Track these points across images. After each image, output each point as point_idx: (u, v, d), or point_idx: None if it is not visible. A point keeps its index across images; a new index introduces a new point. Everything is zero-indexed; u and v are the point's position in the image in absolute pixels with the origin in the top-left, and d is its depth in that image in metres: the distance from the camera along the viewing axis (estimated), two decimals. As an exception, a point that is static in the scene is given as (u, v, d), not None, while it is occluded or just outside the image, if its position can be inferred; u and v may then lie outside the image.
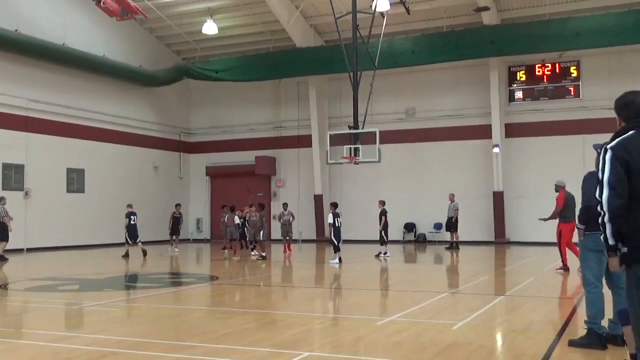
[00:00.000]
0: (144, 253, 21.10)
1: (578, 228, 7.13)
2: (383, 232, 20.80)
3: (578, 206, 7.52)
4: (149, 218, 30.87)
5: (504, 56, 26.90)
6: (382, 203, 21.24)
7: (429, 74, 29.10)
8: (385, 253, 20.61)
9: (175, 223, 24.84)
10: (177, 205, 25.57)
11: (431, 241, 28.66)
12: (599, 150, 7.00)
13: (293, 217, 23.82)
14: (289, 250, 23.23)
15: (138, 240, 21.32)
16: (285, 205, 24.24)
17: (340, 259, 18.80)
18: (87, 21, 28.01)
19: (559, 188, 14.68)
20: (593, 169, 7.11)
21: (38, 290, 13.09)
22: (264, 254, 20.38)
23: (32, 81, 25.61)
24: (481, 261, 20.98)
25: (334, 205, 19.93)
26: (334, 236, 19.11)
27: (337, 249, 19.00)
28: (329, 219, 19.53)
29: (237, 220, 22.88)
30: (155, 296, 11.91)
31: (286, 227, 23.39)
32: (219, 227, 25.51)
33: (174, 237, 25.03)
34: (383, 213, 20.88)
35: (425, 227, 29.05)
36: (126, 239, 21.52)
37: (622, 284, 6.92)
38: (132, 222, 21.36)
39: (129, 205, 22.04)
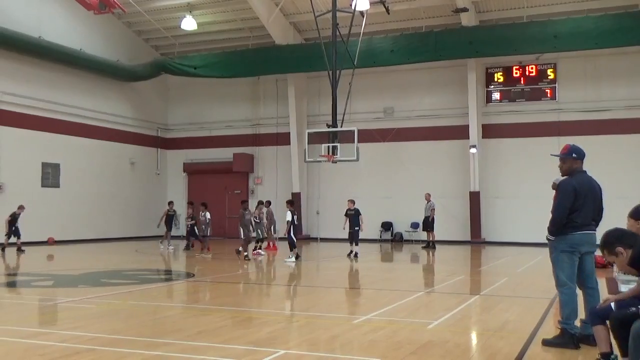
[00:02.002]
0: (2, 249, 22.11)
1: (548, 239, 7.17)
2: (360, 231, 20.36)
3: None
4: (125, 214, 30.72)
5: (482, 57, 27.10)
6: (353, 202, 20.69)
7: (407, 73, 29.21)
8: (352, 252, 20.07)
9: (170, 220, 24.33)
10: (170, 202, 25.17)
11: (408, 240, 28.79)
12: (574, 155, 7.13)
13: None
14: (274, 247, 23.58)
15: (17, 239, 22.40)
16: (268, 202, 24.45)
17: (298, 257, 18.72)
18: (64, 14, 27.69)
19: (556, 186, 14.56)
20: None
21: (11, 285, 12.93)
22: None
23: (6, 74, 25.24)
24: (457, 261, 21.13)
25: (291, 203, 19.77)
26: (293, 234, 18.82)
27: (292, 248, 18.77)
28: (288, 216, 19.02)
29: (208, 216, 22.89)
30: (130, 293, 11.83)
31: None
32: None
33: (167, 233, 24.46)
34: (358, 212, 20.31)
35: (402, 226, 29.18)
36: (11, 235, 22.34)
37: (593, 284, 7.06)
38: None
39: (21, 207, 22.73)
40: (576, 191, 6.89)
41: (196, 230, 23.29)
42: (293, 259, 18.40)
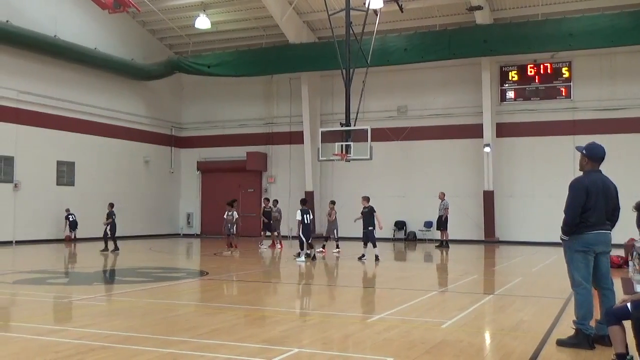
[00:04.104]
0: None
1: (562, 239, 7.10)
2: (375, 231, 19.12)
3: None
4: (139, 212, 30.86)
5: (496, 56, 26.95)
6: (367, 199, 19.46)
7: (421, 72, 29.13)
8: (363, 256, 18.91)
9: (268, 217, 23.81)
10: (267, 199, 24.78)
11: (421, 239, 28.72)
12: (583, 152, 7.08)
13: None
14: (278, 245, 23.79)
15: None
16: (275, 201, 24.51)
17: (311, 255, 18.57)
18: (79, 13, 27.87)
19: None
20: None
21: (27, 283, 13.03)
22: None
23: (22, 73, 25.45)
24: (471, 260, 21.03)
25: (303, 202, 19.58)
26: (302, 233, 18.48)
27: (302, 247, 18.57)
28: (297, 215, 18.73)
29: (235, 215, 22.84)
30: (144, 291, 11.89)
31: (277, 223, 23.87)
32: (218, 223, 24.78)
33: (267, 233, 24.13)
34: (372, 210, 19.15)
35: (416, 225, 29.11)
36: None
37: (609, 284, 6.99)
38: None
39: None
40: (587, 190, 6.82)
41: (108, 232, 21.94)
42: (303, 257, 18.38)
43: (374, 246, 18.88)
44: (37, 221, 25.59)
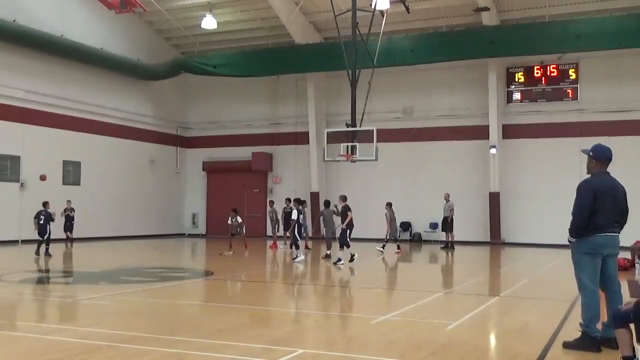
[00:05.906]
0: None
1: (570, 241, 7.06)
2: (349, 231, 18.26)
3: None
4: (145, 212, 30.92)
5: (503, 57, 26.88)
6: (344, 199, 18.71)
7: (427, 73, 29.06)
8: (352, 258, 17.84)
9: (287, 218, 22.75)
10: (288, 200, 23.98)
11: (427, 240, 28.67)
12: (590, 154, 7.04)
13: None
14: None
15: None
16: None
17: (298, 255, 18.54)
18: (86, 13, 27.92)
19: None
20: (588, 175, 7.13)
21: (32, 282, 13.06)
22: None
23: (29, 72, 25.50)
24: (476, 261, 20.99)
25: (298, 202, 19.35)
26: (298, 233, 18.49)
27: (297, 246, 18.54)
28: (293, 215, 18.64)
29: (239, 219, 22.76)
30: (150, 290, 11.89)
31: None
32: (223, 223, 24.71)
33: (287, 234, 23.36)
34: (347, 209, 18.27)
35: (421, 226, 29.05)
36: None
37: (616, 287, 6.95)
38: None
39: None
40: (595, 192, 6.78)
41: (49, 229, 20.07)
42: (302, 257, 18.32)
43: (341, 248, 17.95)
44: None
